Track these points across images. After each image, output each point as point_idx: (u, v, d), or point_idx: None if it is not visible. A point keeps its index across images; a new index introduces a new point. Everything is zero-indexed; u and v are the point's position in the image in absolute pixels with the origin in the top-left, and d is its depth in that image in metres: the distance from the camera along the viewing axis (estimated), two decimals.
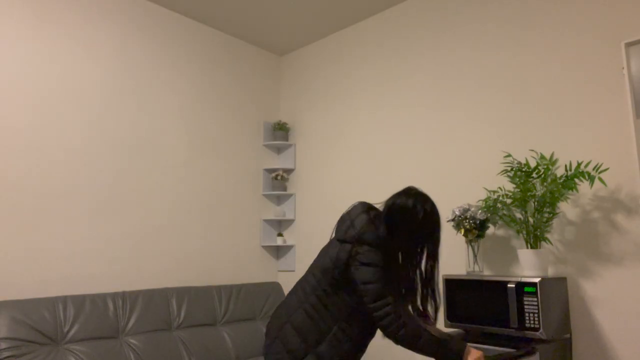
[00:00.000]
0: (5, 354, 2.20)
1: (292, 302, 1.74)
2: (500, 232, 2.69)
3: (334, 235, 1.78)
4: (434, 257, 1.72)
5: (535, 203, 2.34)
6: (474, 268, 2.55)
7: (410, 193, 1.72)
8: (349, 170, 3.56)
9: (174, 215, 3.30)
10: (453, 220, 2.59)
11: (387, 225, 1.68)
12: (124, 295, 2.75)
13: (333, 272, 1.68)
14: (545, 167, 2.38)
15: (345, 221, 1.75)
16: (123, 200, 3.05)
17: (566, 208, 2.46)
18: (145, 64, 3.28)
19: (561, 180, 2.27)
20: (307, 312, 1.68)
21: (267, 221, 3.92)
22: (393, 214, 1.69)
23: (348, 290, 1.68)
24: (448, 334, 1.65)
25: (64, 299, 2.53)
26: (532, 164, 2.59)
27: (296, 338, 1.66)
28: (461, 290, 2.40)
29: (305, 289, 1.74)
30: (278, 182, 3.92)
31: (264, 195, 3.95)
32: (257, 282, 3.66)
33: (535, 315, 2.10)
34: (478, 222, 2.51)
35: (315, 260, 1.78)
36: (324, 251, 1.76)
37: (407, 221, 1.67)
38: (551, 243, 2.47)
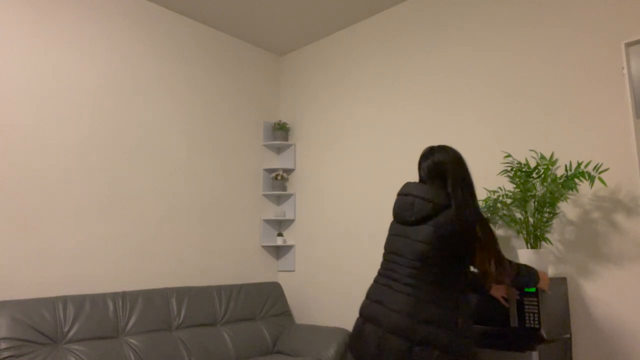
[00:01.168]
0: (5, 354, 2.20)
1: None
2: (500, 232, 2.69)
3: None
4: None
5: (535, 203, 2.34)
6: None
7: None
8: (349, 170, 3.56)
9: (174, 215, 3.30)
10: None
11: None
12: (124, 295, 2.75)
13: None
14: (545, 167, 2.38)
15: None
16: (123, 200, 3.05)
17: (566, 208, 2.46)
18: (145, 63, 3.28)
19: (561, 181, 2.27)
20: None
21: (267, 221, 3.92)
22: None
23: None
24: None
25: (64, 299, 2.53)
26: (532, 164, 2.60)
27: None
28: None
29: None
30: (278, 182, 3.92)
31: (264, 195, 3.95)
32: (257, 282, 3.66)
33: (535, 315, 2.10)
34: None
35: (401, 251, 1.84)
36: (406, 243, 1.84)
37: None
38: (551, 243, 2.47)
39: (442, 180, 1.82)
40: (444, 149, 1.87)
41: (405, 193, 1.85)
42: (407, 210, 1.80)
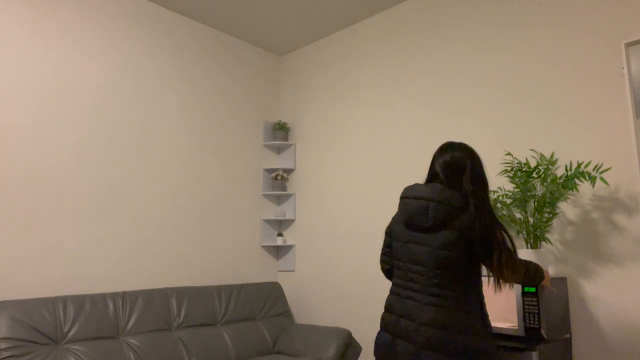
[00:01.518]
0: (5, 354, 2.20)
1: None
2: None
3: None
4: None
5: (535, 203, 2.34)
6: None
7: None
8: (348, 170, 3.56)
9: (174, 215, 3.30)
10: None
11: None
12: (124, 295, 2.75)
13: None
14: (545, 167, 2.38)
15: None
16: (123, 200, 3.05)
17: (566, 208, 2.46)
18: (145, 64, 3.28)
19: (561, 180, 2.27)
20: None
21: (267, 221, 3.92)
22: None
23: None
24: None
25: (64, 299, 2.53)
26: (533, 164, 2.59)
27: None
28: None
29: None
30: (278, 182, 3.92)
31: (264, 195, 3.95)
32: (257, 282, 3.66)
33: (535, 315, 2.10)
34: None
35: (420, 259, 1.78)
36: (425, 252, 1.75)
37: None
38: (551, 243, 2.47)
39: (458, 177, 1.72)
40: (464, 146, 1.78)
41: (417, 196, 1.72)
42: (423, 215, 1.68)
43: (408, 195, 1.76)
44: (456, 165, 1.73)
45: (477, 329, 1.60)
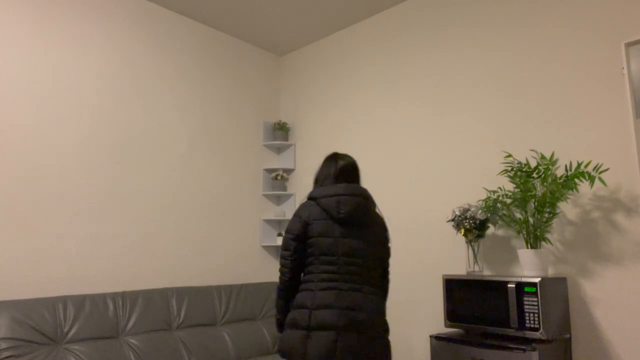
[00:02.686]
0: (5, 354, 2.20)
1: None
2: (500, 232, 2.69)
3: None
4: None
5: (535, 203, 2.34)
6: (474, 268, 2.55)
7: None
8: None
9: (174, 215, 3.30)
10: (453, 220, 2.59)
11: None
12: (124, 295, 2.75)
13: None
14: (545, 167, 2.38)
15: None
16: (123, 200, 3.05)
17: (566, 208, 2.46)
18: (145, 64, 3.28)
19: (561, 180, 2.28)
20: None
21: (267, 221, 3.92)
22: None
23: None
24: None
25: (64, 299, 2.53)
26: (533, 164, 2.60)
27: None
28: (461, 290, 2.40)
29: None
30: (278, 182, 3.92)
31: (264, 195, 3.95)
32: (257, 282, 3.66)
33: (535, 315, 2.10)
34: (478, 222, 2.51)
35: (361, 254, 1.86)
36: (365, 246, 1.86)
37: None
38: (551, 243, 2.47)
39: (358, 179, 1.99)
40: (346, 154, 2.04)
41: (350, 193, 1.84)
42: (357, 212, 1.82)
43: (338, 193, 1.84)
44: (355, 169, 2.00)
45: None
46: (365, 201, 1.87)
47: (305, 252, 1.86)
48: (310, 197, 1.90)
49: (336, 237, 1.81)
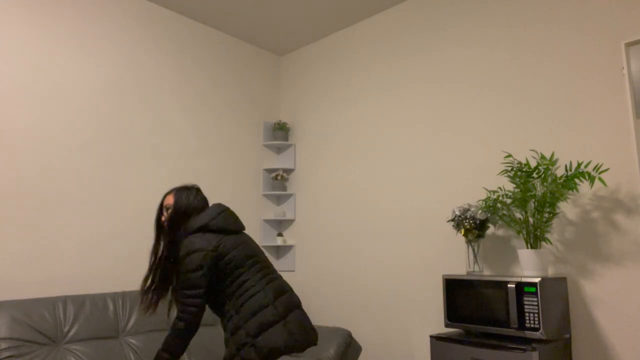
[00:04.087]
0: (5, 354, 2.20)
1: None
2: (500, 232, 2.69)
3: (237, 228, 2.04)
4: None
5: (535, 203, 2.34)
6: (474, 268, 2.55)
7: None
8: (349, 170, 3.56)
9: None
10: (453, 220, 2.59)
11: None
12: (124, 295, 2.75)
13: None
14: (545, 167, 2.38)
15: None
16: (123, 199, 3.05)
17: (566, 208, 2.46)
18: (145, 64, 3.28)
19: (561, 181, 2.28)
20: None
21: (267, 221, 3.92)
22: None
23: None
24: None
25: (64, 299, 2.53)
26: (533, 164, 2.60)
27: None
28: (461, 290, 2.40)
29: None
30: (278, 182, 3.92)
31: (264, 195, 3.95)
32: None
33: (535, 315, 2.10)
34: (478, 222, 2.51)
35: (258, 251, 2.03)
36: (254, 244, 2.04)
37: None
38: (551, 243, 2.47)
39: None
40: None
41: (226, 208, 2.05)
42: (238, 223, 2.04)
43: (222, 210, 2.01)
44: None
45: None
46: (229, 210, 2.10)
47: (220, 276, 1.92)
48: (199, 228, 1.93)
49: (240, 243, 1.97)
